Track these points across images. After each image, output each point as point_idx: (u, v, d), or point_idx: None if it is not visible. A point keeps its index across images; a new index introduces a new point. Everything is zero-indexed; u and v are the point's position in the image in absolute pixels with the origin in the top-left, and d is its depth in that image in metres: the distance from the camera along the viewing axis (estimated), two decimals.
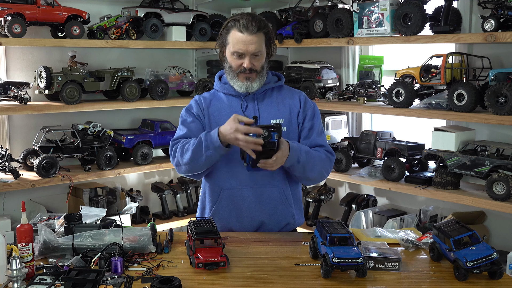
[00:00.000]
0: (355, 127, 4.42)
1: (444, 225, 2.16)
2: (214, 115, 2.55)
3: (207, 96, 2.62)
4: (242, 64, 2.45)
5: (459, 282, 1.96)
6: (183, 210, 4.58)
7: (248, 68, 2.45)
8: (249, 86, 2.49)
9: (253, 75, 2.48)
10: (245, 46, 2.42)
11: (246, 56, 2.44)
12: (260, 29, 2.43)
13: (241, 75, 2.48)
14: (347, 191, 4.38)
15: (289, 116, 2.56)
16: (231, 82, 2.53)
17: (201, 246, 2.06)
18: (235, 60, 2.47)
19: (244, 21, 2.41)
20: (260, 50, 2.46)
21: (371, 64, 4.14)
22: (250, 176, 2.48)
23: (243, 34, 2.41)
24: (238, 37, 2.42)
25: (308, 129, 2.57)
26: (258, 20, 2.45)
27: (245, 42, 2.41)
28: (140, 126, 4.55)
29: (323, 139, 2.59)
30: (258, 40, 2.44)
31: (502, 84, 3.06)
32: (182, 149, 2.43)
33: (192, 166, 2.43)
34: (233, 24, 2.44)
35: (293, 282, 1.96)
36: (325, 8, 4.12)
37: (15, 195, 3.90)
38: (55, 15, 3.82)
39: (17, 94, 3.74)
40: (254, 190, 2.50)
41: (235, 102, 2.55)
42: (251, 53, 2.43)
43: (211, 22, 4.64)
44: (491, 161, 3.17)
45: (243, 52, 2.43)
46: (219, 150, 2.33)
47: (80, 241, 2.13)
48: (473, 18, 3.55)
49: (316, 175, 2.52)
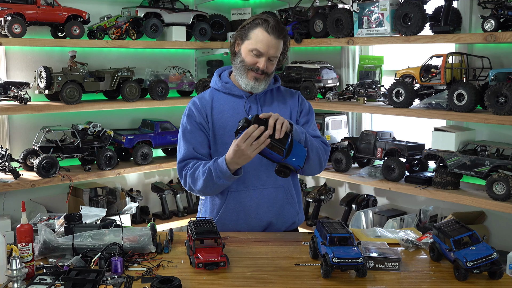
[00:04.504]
0: (355, 127, 4.42)
1: (444, 225, 2.15)
2: (217, 118, 2.52)
3: (207, 98, 2.58)
4: (257, 63, 2.44)
5: (459, 282, 1.96)
6: (183, 210, 4.58)
7: (261, 70, 2.45)
8: (255, 86, 2.48)
9: (262, 77, 2.48)
10: (267, 47, 2.42)
11: (264, 57, 2.44)
12: (283, 37, 2.46)
13: (251, 73, 2.47)
14: (347, 191, 4.38)
15: (289, 117, 2.57)
16: (238, 77, 2.50)
17: (201, 246, 2.06)
18: (252, 57, 2.45)
19: (273, 22, 2.42)
20: (277, 56, 2.48)
21: (371, 64, 4.14)
22: (256, 178, 2.49)
23: (269, 35, 2.41)
24: (263, 36, 2.42)
25: (303, 123, 2.59)
26: (282, 26, 2.47)
27: (269, 43, 2.42)
28: (140, 126, 4.55)
29: (317, 132, 2.62)
30: (279, 46, 2.46)
31: (502, 84, 3.06)
32: (192, 176, 2.43)
33: (208, 192, 2.47)
34: (261, 22, 2.43)
35: (293, 282, 1.95)
36: (325, 8, 4.12)
37: (15, 195, 3.90)
38: (55, 15, 3.82)
39: (17, 94, 3.74)
40: (260, 192, 2.51)
41: (238, 103, 2.54)
42: (270, 56, 2.44)
43: (211, 22, 4.64)
44: (491, 161, 3.17)
45: (263, 52, 2.43)
46: (230, 179, 2.35)
47: (80, 241, 2.13)
48: (473, 18, 3.55)
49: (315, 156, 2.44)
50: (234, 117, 2.50)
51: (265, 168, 2.49)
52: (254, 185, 2.50)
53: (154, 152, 4.40)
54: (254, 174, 2.48)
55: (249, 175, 2.48)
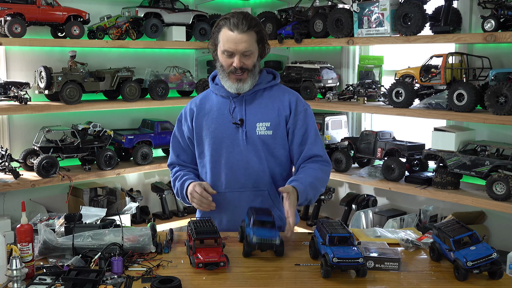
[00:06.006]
0: (355, 127, 4.42)
1: (444, 225, 2.15)
2: (205, 118, 2.55)
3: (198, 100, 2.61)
4: (232, 63, 2.42)
5: (459, 282, 1.96)
6: (183, 210, 4.58)
7: (239, 67, 2.41)
8: (240, 87, 2.47)
9: (244, 75, 2.44)
10: (235, 44, 2.39)
11: (236, 55, 2.40)
12: (250, 28, 2.39)
13: (232, 76, 2.45)
14: (347, 191, 4.38)
15: (276, 119, 2.50)
16: (222, 81, 2.50)
17: (201, 246, 2.06)
18: (226, 59, 2.44)
19: (234, 19, 2.38)
20: (251, 49, 2.42)
21: (371, 64, 4.14)
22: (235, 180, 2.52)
23: (233, 32, 2.38)
24: (228, 35, 2.39)
25: (302, 135, 2.52)
26: (249, 18, 2.41)
27: (235, 40, 2.38)
28: (140, 126, 4.55)
29: (318, 147, 2.53)
30: (249, 39, 2.40)
31: (502, 84, 3.06)
32: (173, 183, 2.64)
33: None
34: (224, 23, 2.42)
35: (293, 282, 1.95)
36: (325, 8, 4.12)
37: (15, 195, 3.90)
38: (55, 15, 3.82)
39: (17, 94, 3.74)
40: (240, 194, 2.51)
41: (224, 103, 2.53)
42: (241, 52, 2.40)
43: (211, 22, 4.64)
44: (491, 161, 3.17)
45: (232, 51, 2.40)
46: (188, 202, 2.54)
47: (80, 241, 2.13)
48: (473, 18, 3.55)
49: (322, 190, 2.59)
50: (218, 118, 2.51)
51: (244, 171, 2.50)
52: (233, 187, 2.51)
53: (154, 152, 4.41)
54: (232, 177, 2.50)
55: (228, 177, 2.51)
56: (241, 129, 2.48)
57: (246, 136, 2.48)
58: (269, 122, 2.49)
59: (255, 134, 2.48)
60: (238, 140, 2.49)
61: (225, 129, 2.50)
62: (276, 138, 2.50)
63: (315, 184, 2.46)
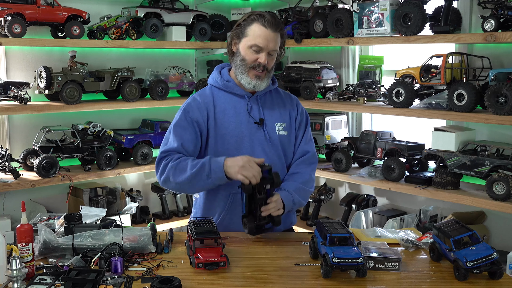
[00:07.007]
0: (355, 127, 4.42)
1: (444, 225, 2.15)
2: (219, 117, 2.49)
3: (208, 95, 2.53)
4: (258, 59, 2.43)
5: (459, 282, 1.96)
6: (183, 210, 4.58)
7: (263, 65, 2.43)
8: (257, 84, 2.47)
9: (263, 74, 2.46)
10: (266, 41, 2.40)
11: (264, 52, 2.42)
12: (280, 29, 2.45)
13: (252, 72, 2.45)
14: (347, 191, 4.38)
15: (289, 120, 2.59)
16: (239, 76, 2.47)
17: (201, 246, 2.06)
18: (251, 54, 2.43)
19: (269, 17, 2.41)
20: (277, 50, 2.47)
21: (371, 64, 4.14)
22: None
23: (266, 29, 2.40)
24: (261, 31, 2.40)
25: (301, 136, 2.62)
26: (279, 20, 2.47)
27: (267, 37, 2.40)
28: (140, 126, 4.55)
29: (310, 145, 2.64)
30: (277, 39, 2.45)
31: (502, 84, 3.06)
32: (175, 167, 2.35)
33: (186, 188, 2.41)
34: (257, 18, 2.42)
35: (293, 282, 1.95)
36: (325, 8, 4.12)
37: (15, 195, 3.90)
38: (55, 15, 3.82)
39: (17, 94, 3.74)
40: None
41: (240, 103, 2.52)
42: (270, 50, 2.43)
43: (211, 22, 4.64)
44: (491, 161, 3.17)
45: (263, 46, 2.41)
46: (220, 181, 2.32)
47: (80, 241, 2.13)
48: (473, 18, 3.55)
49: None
50: (236, 117, 2.49)
51: None
52: None
53: (154, 152, 4.40)
54: None
55: None
56: (262, 128, 2.50)
57: (269, 135, 2.50)
58: (285, 123, 2.56)
59: (275, 134, 2.53)
60: (259, 139, 2.49)
61: (245, 128, 2.49)
62: (290, 139, 2.58)
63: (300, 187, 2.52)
